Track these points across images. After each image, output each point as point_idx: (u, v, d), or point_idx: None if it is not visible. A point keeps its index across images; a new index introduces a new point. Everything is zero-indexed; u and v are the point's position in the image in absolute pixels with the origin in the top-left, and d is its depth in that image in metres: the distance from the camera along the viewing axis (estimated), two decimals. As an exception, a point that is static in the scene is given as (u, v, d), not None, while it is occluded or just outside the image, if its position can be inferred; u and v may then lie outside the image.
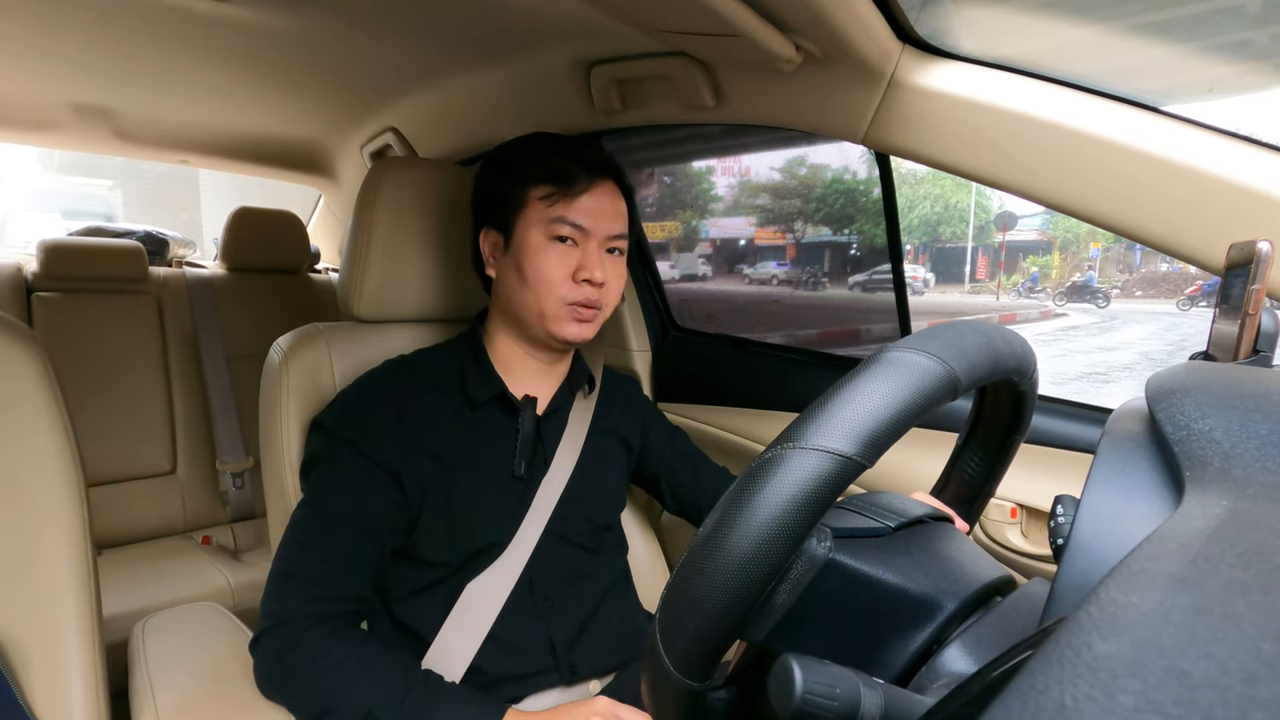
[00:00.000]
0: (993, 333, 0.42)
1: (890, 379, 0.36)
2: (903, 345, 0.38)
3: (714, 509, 0.36)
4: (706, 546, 0.35)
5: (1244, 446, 0.29)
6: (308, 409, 0.89)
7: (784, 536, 0.33)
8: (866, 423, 0.34)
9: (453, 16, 1.10)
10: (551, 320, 0.83)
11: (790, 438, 0.35)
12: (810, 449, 0.34)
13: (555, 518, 0.87)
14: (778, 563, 0.34)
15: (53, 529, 0.71)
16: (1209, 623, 0.18)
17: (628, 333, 1.46)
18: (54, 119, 1.66)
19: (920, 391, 0.36)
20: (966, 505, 0.60)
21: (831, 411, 0.35)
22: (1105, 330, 9.02)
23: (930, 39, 0.86)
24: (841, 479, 0.34)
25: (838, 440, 0.34)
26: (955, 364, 0.37)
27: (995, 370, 0.40)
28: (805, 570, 0.40)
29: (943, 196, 11.54)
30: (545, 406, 0.90)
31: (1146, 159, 0.73)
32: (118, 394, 1.80)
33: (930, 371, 0.36)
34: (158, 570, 1.62)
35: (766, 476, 0.34)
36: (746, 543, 0.34)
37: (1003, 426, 0.55)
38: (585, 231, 0.82)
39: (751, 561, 0.34)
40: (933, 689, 0.38)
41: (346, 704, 0.69)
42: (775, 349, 1.37)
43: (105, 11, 1.08)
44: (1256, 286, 0.51)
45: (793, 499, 0.33)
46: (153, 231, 2.18)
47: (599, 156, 0.85)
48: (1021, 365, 0.44)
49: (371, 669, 0.71)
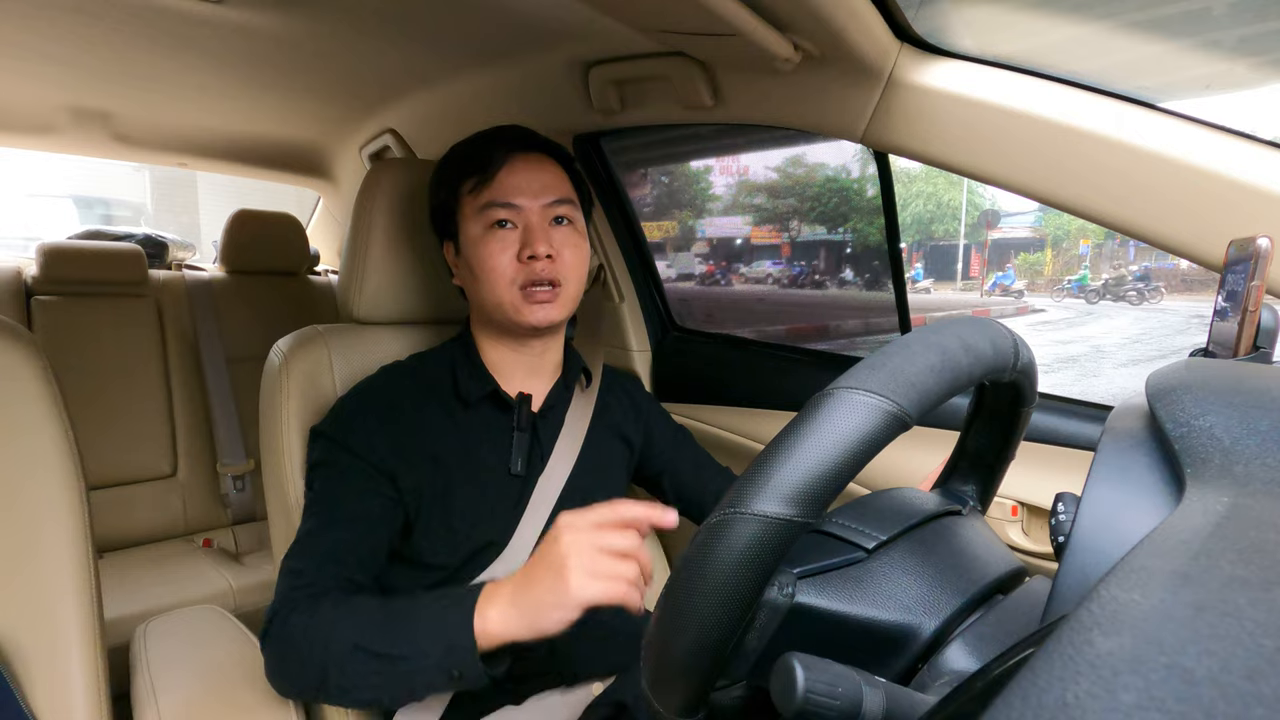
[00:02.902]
0: (951, 345, 0.39)
1: (830, 427, 0.34)
2: (844, 384, 0.36)
3: (673, 569, 0.38)
4: (666, 609, 0.37)
5: (1244, 443, 0.29)
6: (308, 411, 0.89)
7: (733, 600, 0.35)
8: (804, 480, 0.34)
9: (451, 18, 1.10)
10: (510, 309, 0.82)
11: (734, 501, 0.35)
12: (750, 515, 0.34)
13: (555, 517, 0.86)
14: (733, 621, 0.35)
15: (54, 532, 0.71)
16: (1210, 620, 0.18)
17: (627, 333, 1.46)
18: (52, 123, 1.66)
19: (863, 438, 0.34)
20: (980, 485, 0.59)
21: (770, 471, 0.34)
22: (1072, 325, 9.12)
23: (928, 37, 0.86)
24: (783, 541, 0.34)
25: (776, 503, 0.34)
26: (901, 399, 0.35)
27: (956, 386, 0.38)
28: (769, 618, 0.40)
29: (935, 195, 11.57)
30: (540, 403, 0.90)
31: (1145, 156, 0.73)
32: (118, 397, 1.80)
33: (873, 414, 0.35)
34: (159, 573, 1.62)
35: (712, 544, 0.35)
36: (701, 609, 0.35)
37: (1008, 403, 0.53)
38: (517, 208, 0.82)
39: (708, 623, 0.35)
40: (935, 687, 0.38)
41: (335, 649, 0.67)
42: (775, 348, 1.37)
43: (103, 15, 1.08)
44: (1256, 283, 0.51)
45: (738, 565, 0.34)
46: (152, 234, 2.18)
47: (516, 132, 0.86)
48: (995, 365, 0.42)
49: (349, 606, 0.70)
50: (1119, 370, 6.82)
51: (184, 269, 2.14)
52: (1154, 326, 8.75)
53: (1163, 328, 8.63)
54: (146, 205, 9.77)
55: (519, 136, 0.86)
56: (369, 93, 1.50)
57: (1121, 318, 9.30)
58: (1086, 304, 10.09)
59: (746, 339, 1.41)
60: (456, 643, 0.65)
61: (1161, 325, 8.75)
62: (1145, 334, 8.42)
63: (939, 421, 1.04)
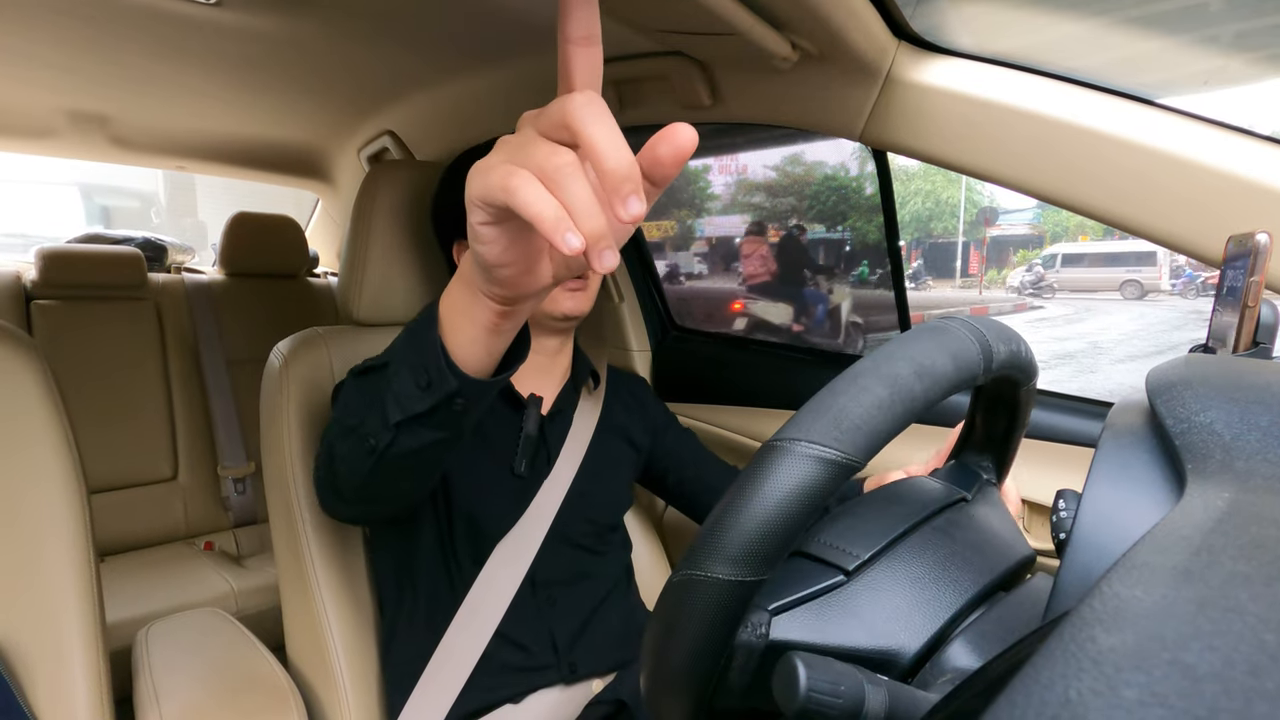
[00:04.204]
0: (902, 372, 0.37)
1: (771, 485, 0.34)
2: (786, 435, 0.36)
3: (648, 622, 0.39)
4: (645, 657, 0.39)
5: (1245, 439, 0.29)
6: (309, 413, 0.89)
7: (702, 652, 0.36)
8: (748, 542, 0.34)
9: (448, 19, 1.10)
10: (545, 300, 0.82)
11: (688, 561, 0.36)
12: (703, 576, 0.35)
13: (559, 520, 0.87)
14: (707, 670, 0.37)
15: (55, 536, 0.71)
16: (1212, 615, 0.18)
17: (627, 333, 1.46)
18: (50, 127, 1.66)
19: (804, 493, 0.34)
20: (995, 456, 0.57)
21: (718, 532, 0.35)
22: (1071, 322, 9.14)
23: (926, 35, 0.86)
24: (738, 599, 0.35)
25: (724, 565, 0.35)
26: (846, 445, 0.35)
27: (911, 416, 0.37)
28: (746, 659, 0.40)
29: (934, 192, 11.57)
30: (550, 406, 0.90)
31: (1144, 152, 0.73)
32: (118, 401, 1.80)
33: (814, 466, 0.34)
34: (160, 577, 1.62)
35: (674, 603, 0.36)
36: (675, 661, 0.37)
37: (1006, 390, 0.52)
38: None
39: (682, 671, 0.37)
40: (937, 685, 0.38)
41: (364, 424, 0.63)
42: (775, 347, 1.37)
43: (99, 19, 1.08)
44: (1256, 278, 0.51)
45: (699, 623, 0.36)
46: (151, 238, 2.18)
47: None
48: (959, 380, 0.39)
49: (360, 398, 0.68)
50: (1118, 366, 6.86)
51: (183, 272, 2.14)
52: (1154, 322, 8.79)
53: (1161, 323, 8.67)
54: (159, 196, 9.08)
55: None
56: (367, 95, 1.50)
57: (1119, 314, 9.33)
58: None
59: (746, 338, 1.41)
60: (419, 339, 0.59)
61: (1160, 321, 8.80)
62: (1140, 330, 8.47)
63: (941, 420, 1.04)
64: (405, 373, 0.58)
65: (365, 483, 0.65)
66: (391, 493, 0.68)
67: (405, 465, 0.63)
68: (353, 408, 0.68)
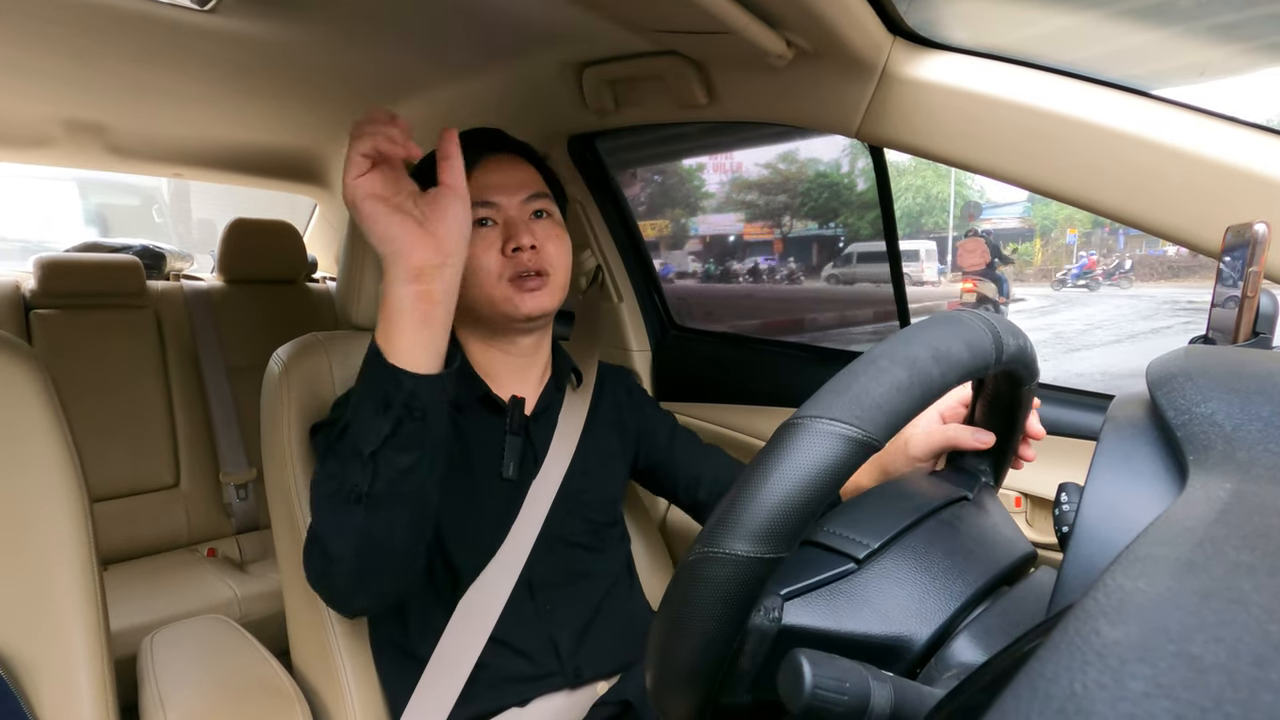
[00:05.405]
0: (921, 356, 0.38)
1: (793, 461, 0.34)
2: (808, 412, 0.36)
3: (660, 602, 0.39)
4: (654, 643, 0.39)
5: (1246, 429, 0.29)
6: (309, 418, 0.89)
7: (715, 635, 0.36)
8: (770, 518, 0.34)
9: (443, 22, 1.10)
10: (502, 302, 0.82)
11: (706, 539, 0.36)
12: (722, 554, 0.35)
13: (552, 520, 0.86)
14: (718, 654, 0.37)
15: (58, 546, 0.71)
16: (1216, 606, 0.18)
17: (627, 332, 1.46)
18: (46, 136, 1.66)
19: (827, 470, 0.34)
20: (993, 459, 0.57)
21: (738, 508, 0.35)
22: (1045, 313, 9.26)
23: (920, 30, 0.86)
24: (757, 577, 0.35)
25: (745, 542, 0.34)
26: (867, 424, 0.35)
27: (928, 399, 0.37)
28: (758, 644, 0.40)
29: (924, 188, 11.58)
30: (533, 407, 0.90)
31: (1140, 144, 0.73)
32: (119, 409, 1.80)
33: (837, 443, 0.34)
34: (164, 584, 1.62)
35: (689, 582, 0.36)
36: (685, 645, 0.37)
37: (1005, 387, 0.52)
38: (496, 205, 0.83)
39: (692, 658, 0.37)
40: (942, 680, 0.38)
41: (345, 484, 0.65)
42: (774, 345, 1.37)
43: (93, 27, 1.08)
44: (1254, 269, 0.51)
45: (714, 602, 0.35)
46: (149, 245, 2.18)
47: (485, 135, 0.87)
48: (973, 368, 0.40)
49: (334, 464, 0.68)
50: (1070, 355, 6.90)
51: (182, 279, 2.14)
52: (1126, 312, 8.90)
53: (1133, 313, 8.74)
54: (161, 193, 8.70)
55: (489, 139, 0.87)
56: (363, 98, 1.50)
57: (1095, 305, 9.39)
58: (1052, 290, 10.22)
59: (746, 336, 1.41)
60: (368, 373, 0.63)
61: (1133, 311, 8.88)
62: (1108, 320, 8.56)
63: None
64: (365, 407, 0.63)
65: (361, 547, 0.66)
66: (389, 543, 0.67)
67: (394, 502, 0.65)
68: (330, 473, 0.69)
